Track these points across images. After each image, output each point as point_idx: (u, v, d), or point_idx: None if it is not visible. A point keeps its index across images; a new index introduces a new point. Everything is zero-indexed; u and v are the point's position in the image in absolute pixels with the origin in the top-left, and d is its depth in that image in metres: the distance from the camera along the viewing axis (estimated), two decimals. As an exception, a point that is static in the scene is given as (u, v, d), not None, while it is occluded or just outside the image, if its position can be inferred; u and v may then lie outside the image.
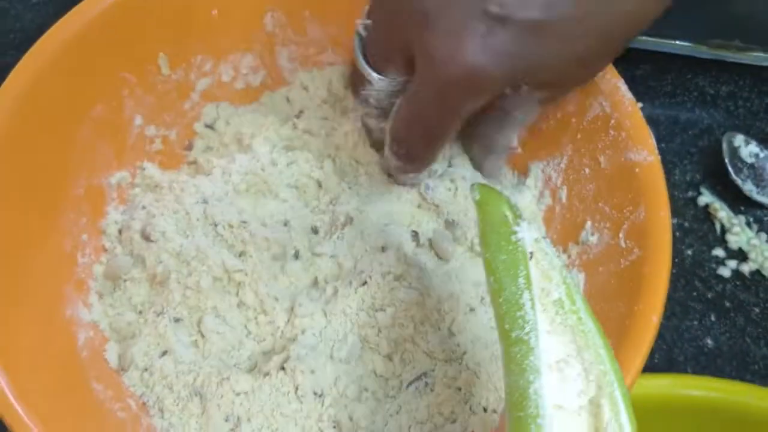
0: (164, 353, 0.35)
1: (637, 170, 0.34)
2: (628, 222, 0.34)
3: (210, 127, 0.42)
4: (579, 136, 0.37)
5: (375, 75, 0.34)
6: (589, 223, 0.36)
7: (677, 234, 0.42)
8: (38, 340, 0.32)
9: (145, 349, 0.35)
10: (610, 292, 0.33)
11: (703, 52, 0.44)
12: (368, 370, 0.36)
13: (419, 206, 0.39)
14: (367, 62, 0.35)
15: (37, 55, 0.35)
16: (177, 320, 0.36)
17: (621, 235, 0.34)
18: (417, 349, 0.36)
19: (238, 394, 0.33)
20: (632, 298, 0.31)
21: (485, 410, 0.33)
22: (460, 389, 0.34)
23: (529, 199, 0.39)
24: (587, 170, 0.37)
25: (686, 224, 0.43)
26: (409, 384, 0.35)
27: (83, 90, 0.37)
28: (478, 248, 0.38)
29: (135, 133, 0.40)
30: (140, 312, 0.36)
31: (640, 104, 0.35)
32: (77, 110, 0.37)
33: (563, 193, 0.38)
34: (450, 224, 0.39)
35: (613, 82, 0.36)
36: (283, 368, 0.34)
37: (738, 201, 0.42)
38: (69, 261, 0.36)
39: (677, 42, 0.44)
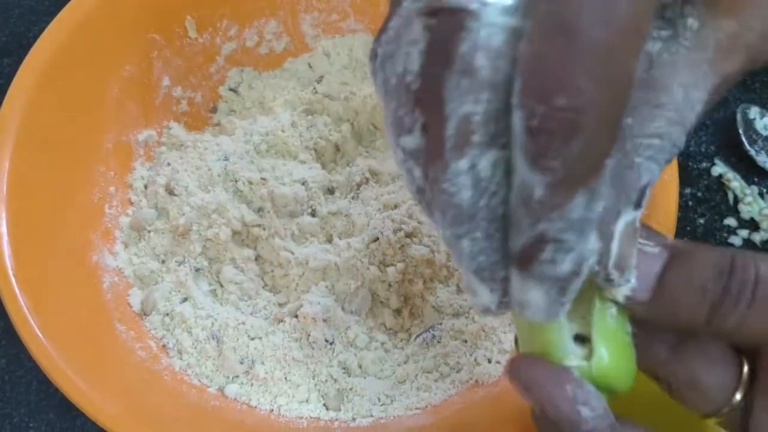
0: (184, 300, 0.36)
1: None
2: (636, 183, 0.34)
3: (234, 90, 0.44)
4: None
5: None
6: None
7: (690, 203, 0.43)
8: (66, 281, 0.34)
9: (167, 296, 0.37)
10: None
11: (721, 24, 0.44)
12: (378, 323, 0.37)
13: (433, 169, 0.40)
14: None
15: (69, 14, 0.37)
16: (197, 270, 0.37)
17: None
18: (425, 304, 0.37)
19: (252, 339, 0.35)
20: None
21: (489, 361, 0.34)
22: (466, 341, 0.35)
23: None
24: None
25: (699, 194, 0.43)
26: (417, 336, 0.36)
27: (114, 49, 0.39)
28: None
29: (162, 94, 0.41)
30: (163, 261, 0.38)
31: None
32: (108, 68, 0.39)
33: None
34: (463, 187, 0.40)
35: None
36: (296, 316, 0.36)
37: (751, 172, 0.43)
38: (97, 211, 0.38)
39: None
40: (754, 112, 0.43)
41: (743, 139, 0.43)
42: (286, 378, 0.34)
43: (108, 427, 0.29)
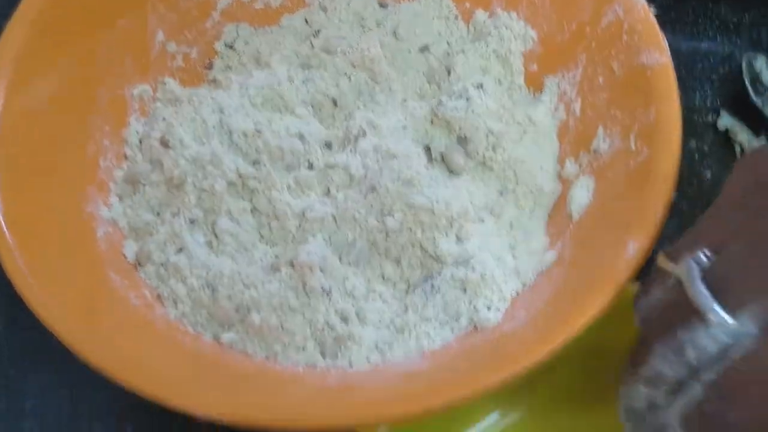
0: (179, 251, 0.36)
1: (648, 73, 0.34)
2: (639, 124, 0.34)
3: (230, 46, 0.43)
4: (593, 44, 0.37)
5: (721, 313, 0.24)
6: (600, 131, 0.36)
7: (696, 157, 0.42)
8: (59, 229, 0.34)
9: (162, 247, 0.36)
10: (619, 192, 0.33)
11: (726, -25, 0.43)
12: (376, 274, 0.36)
13: (432, 122, 0.40)
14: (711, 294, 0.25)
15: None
16: (192, 221, 0.37)
17: (631, 137, 0.34)
18: (425, 254, 0.36)
19: (248, 287, 0.34)
20: (640, 193, 0.31)
21: (489, 309, 0.34)
22: (465, 291, 0.35)
23: (543, 114, 0.39)
24: (601, 79, 0.37)
25: (706, 148, 0.42)
26: (416, 287, 0.35)
27: (108, 2, 0.38)
28: (489, 163, 0.39)
29: (157, 49, 0.41)
30: (158, 213, 0.37)
31: (652, 9, 0.35)
32: (101, 21, 0.38)
33: (577, 106, 0.38)
34: (462, 140, 0.39)
35: (626, -13, 0.36)
36: (292, 265, 0.35)
37: (758, 124, 0.42)
38: (91, 163, 0.37)
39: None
40: (760, 63, 0.43)
41: (749, 90, 0.42)
42: (281, 326, 0.34)
43: (102, 368, 0.29)
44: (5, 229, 0.31)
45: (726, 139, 0.42)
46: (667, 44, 0.34)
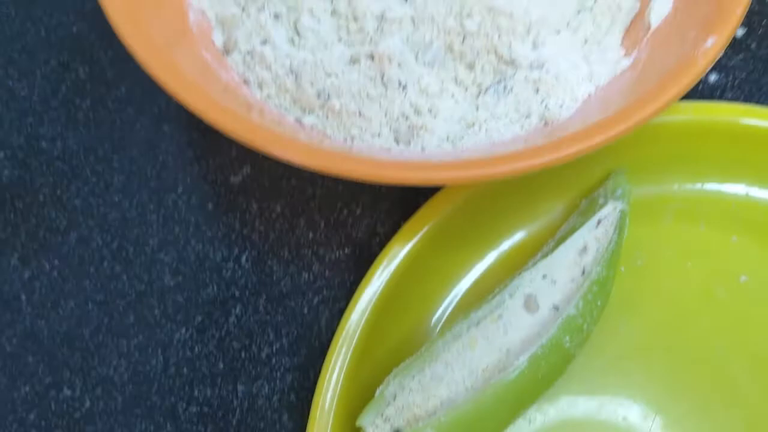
0: (264, 42, 0.38)
1: None
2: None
3: None
4: None
5: None
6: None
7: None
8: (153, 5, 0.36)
9: (248, 37, 0.38)
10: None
11: None
12: (450, 76, 0.37)
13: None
14: None
15: None
16: (276, 16, 0.38)
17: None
18: (499, 60, 0.37)
19: (329, 75, 0.36)
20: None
21: (560, 107, 0.35)
22: (538, 91, 0.36)
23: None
24: None
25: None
26: (489, 87, 0.37)
27: None
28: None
29: None
30: (243, 8, 0.39)
31: None
32: None
33: None
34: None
35: None
36: (371, 58, 0.36)
37: None
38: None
39: None
40: None
41: None
42: (360, 112, 0.36)
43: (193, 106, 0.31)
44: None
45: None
46: None
